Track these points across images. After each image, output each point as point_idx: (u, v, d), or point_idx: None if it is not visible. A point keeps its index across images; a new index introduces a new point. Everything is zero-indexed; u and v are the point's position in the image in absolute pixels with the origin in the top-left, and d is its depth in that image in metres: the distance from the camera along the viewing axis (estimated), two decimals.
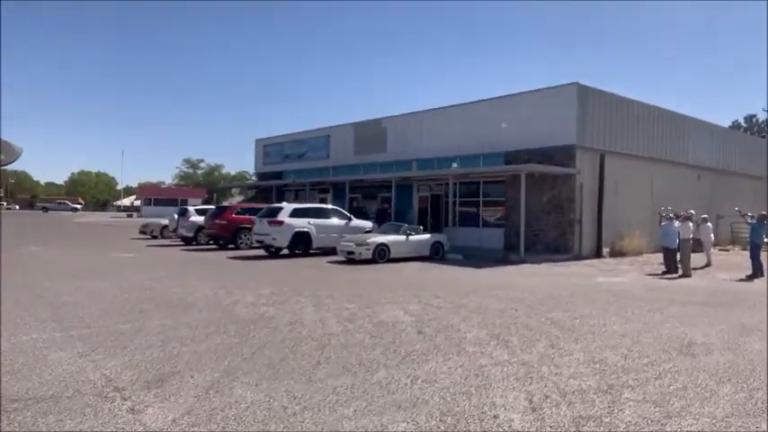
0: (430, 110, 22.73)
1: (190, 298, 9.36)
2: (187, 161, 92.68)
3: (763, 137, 42.37)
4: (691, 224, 14.71)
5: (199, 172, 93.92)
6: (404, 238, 16.44)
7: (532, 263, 16.44)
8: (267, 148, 31.80)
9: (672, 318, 8.27)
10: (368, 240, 15.73)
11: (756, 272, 14.11)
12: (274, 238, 16.99)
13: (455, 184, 21.52)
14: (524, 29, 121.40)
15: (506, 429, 3.88)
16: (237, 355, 5.73)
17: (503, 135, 19.78)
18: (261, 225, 17.43)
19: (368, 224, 18.91)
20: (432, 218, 22.28)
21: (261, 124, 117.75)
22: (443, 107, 22.26)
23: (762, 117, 56.57)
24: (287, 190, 30.09)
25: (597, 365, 5.60)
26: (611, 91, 19.59)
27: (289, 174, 29.70)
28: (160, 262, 16.08)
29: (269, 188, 29.81)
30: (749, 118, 59.86)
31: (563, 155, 18.38)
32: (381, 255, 15.71)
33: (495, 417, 4.11)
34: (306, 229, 17.28)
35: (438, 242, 17.28)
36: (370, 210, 24.34)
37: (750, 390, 4.89)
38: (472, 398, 4.52)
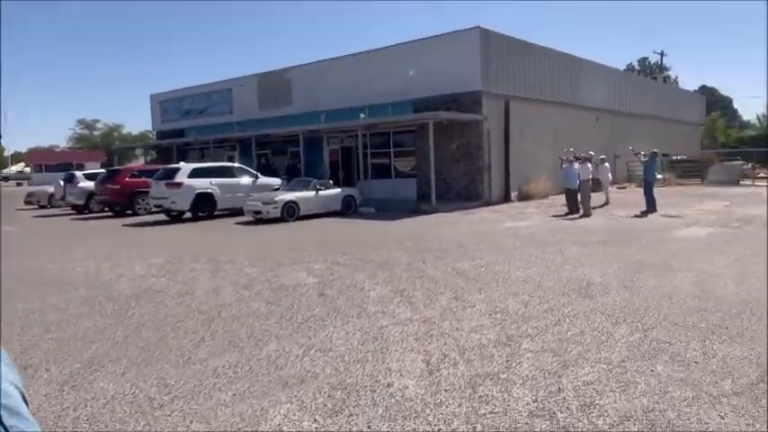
0: (335, 58, 21.74)
1: (67, 274, 8.37)
2: (81, 122, 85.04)
3: (655, 78, 44.90)
4: (590, 165, 15.20)
5: (96, 133, 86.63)
6: (313, 193, 15.83)
7: (444, 212, 16.46)
8: (165, 105, 29.45)
9: (573, 259, 8.41)
10: (275, 198, 15.00)
11: (650, 208, 14.89)
12: (174, 202, 15.81)
13: (365, 135, 20.97)
14: None
15: (398, 399, 3.58)
16: (108, 340, 5.06)
17: (410, 83, 19.32)
18: (158, 188, 16.14)
19: (276, 181, 18.07)
20: (344, 171, 21.70)
21: (162, 79, 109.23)
22: (348, 55, 21.35)
23: (653, 59, 59.92)
24: (190, 149, 28.23)
25: (499, 316, 5.46)
26: (512, 35, 19.56)
27: (190, 131, 27.77)
28: (42, 235, 14.53)
29: (170, 148, 27.82)
30: (642, 60, 63.24)
31: (470, 101, 18.28)
32: (290, 212, 15.07)
33: (388, 385, 3.80)
34: (209, 190, 16.20)
35: (350, 196, 16.84)
36: (281, 166, 23.37)
37: (645, 329, 4.92)
38: (367, 365, 4.20)
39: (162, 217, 17.01)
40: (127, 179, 18.37)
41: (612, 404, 3.42)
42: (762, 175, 27.85)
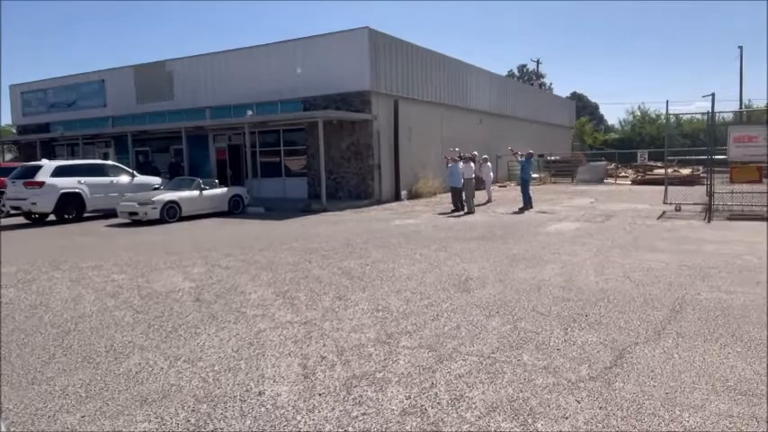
0: (220, 52, 20.82)
1: None
2: None
3: (532, 84, 48.24)
4: (473, 164, 15.89)
5: None
6: (197, 193, 15.03)
7: (335, 210, 16.39)
8: (27, 96, 26.46)
9: (455, 255, 8.69)
10: (153, 198, 14.02)
11: (526, 204, 15.89)
12: (34, 203, 14.22)
13: (253, 133, 20.33)
14: None
15: (269, 408, 3.42)
16: None
17: (300, 81, 19.03)
18: (15, 188, 14.44)
19: (156, 180, 16.93)
20: (232, 170, 20.90)
21: (28, 68, 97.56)
22: (234, 49, 20.55)
23: (531, 67, 64.28)
24: (58, 145, 25.69)
25: (380, 314, 5.46)
26: (401, 37, 19.96)
27: (57, 126, 25.27)
28: None
29: (33, 144, 25.11)
30: (521, 67, 67.63)
31: (359, 100, 18.37)
32: (171, 213, 14.18)
33: (260, 393, 3.62)
34: (76, 190, 14.78)
35: (237, 196, 16.21)
36: (163, 165, 21.98)
37: (514, 320, 5.16)
38: (239, 374, 3.98)
39: (22, 220, 15.26)
40: None
41: (480, 396, 3.51)
42: (623, 174, 30.90)
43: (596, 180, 25.83)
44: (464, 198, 15.67)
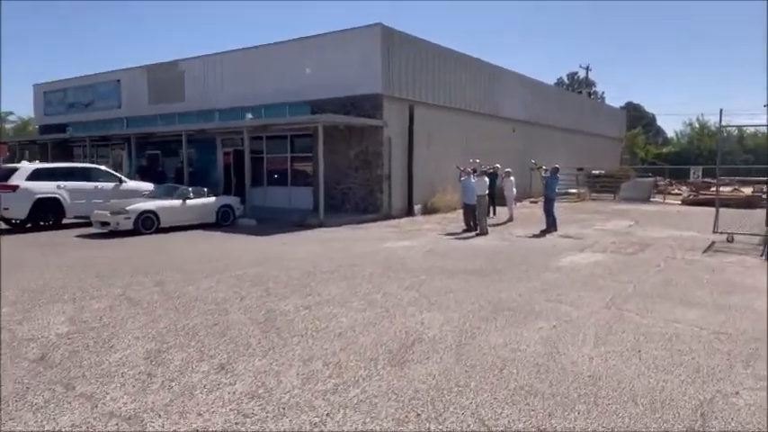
0: (229, 51, 19.67)
1: None
2: None
3: (580, 92, 45.35)
4: (486, 179, 13.95)
5: (8, 126, 79.51)
6: (179, 202, 13.75)
7: (333, 226, 14.81)
8: (49, 96, 26.29)
9: (425, 297, 6.89)
10: (128, 207, 12.82)
11: (550, 226, 13.83)
12: (6, 208, 13.30)
13: (260, 138, 19.06)
14: None
15: None
16: None
17: (308, 82, 17.60)
18: None
19: (148, 186, 15.83)
20: (236, 177, 19.68)
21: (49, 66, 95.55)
22: (242, 48, 19.33)
23: (582, 74, 61.11)
24: (75, 146, 25.29)
25: (250, 405, 3.78)
26: (423, 37, 18.22)
27: (77, 127, 24.85)
28: None
29: (53, 144, 24.81)
30: (571, 75, 64.42)
31: (370, 105, 16.75)
32: (147, 224, 12.94)
33: None
34: (54, 195, 13.80)
35: (227, 206, 14.87)
36: (173, 169, 21.06)
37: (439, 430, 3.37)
38: None
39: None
40: None
41: None
42: (675, 191, 27.98)
43: (642, 198, 23.22)
44: (477, 217, 13.78)
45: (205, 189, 14.95)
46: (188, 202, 13.89)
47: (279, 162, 19.35)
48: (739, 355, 4.77)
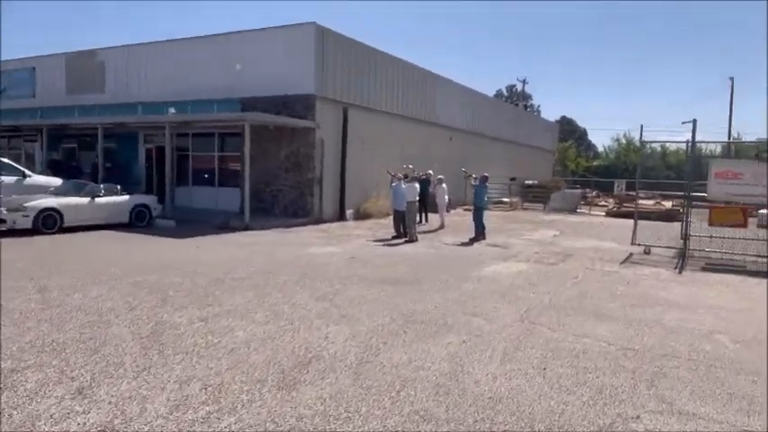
0: (155, 42, 18.59)
1: None
2: None
3: (516, 104, 46.50)
4: (417, 186, 13.77)
5: None
6: (87, 200, 12.73)
7: (259, 229, 14.16)
8: None
9: (336, 307, 6.50)
10: (26, 204, 11.72)
11: (478, 235, 13.79)
12: None
13: (185, 135, 18.11)
14: None
15: None
16: None
17: (239, 79, 16.87)
18: None
19: (56, 182, 14.61)
20: (158, 175, 18.60)
21: None
22: (170, 40, 18.35)
23: (520, 87, 62.83)
24: None
25: None
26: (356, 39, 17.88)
27: None
28: None
29: None
30: (510, 87, 66.14)
31: (302, 105, 16.22)
32: (49, 223, 11.88)
33: None
34: None
35: (142, 205, 13.93)
36: (90, 164, 19.67)
37: None
38: None
39: None
40: None
41: None
42: (602, 203, 28.97)
43: (569, 209, 23.84)
44: (406, 224, 13.54)
45: (118, 186, 13.93)
46: (97, 200, 12.88)
47: (206, 161, 18.44)
48: (644, 373, 4.65)
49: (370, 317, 6.15)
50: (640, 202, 23.28)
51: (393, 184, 14.18)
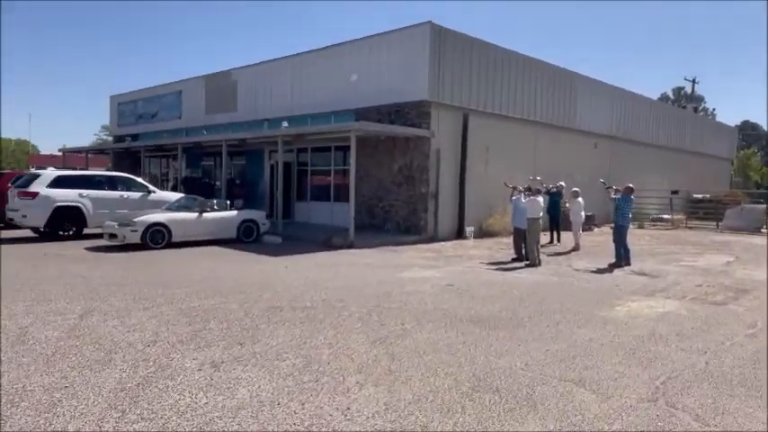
0: (280, 59, 18.65)
1: None
2: (105, 128, 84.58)
3: (684, 107, 40.50)
4: (540, 199, 11.60)
5: (108, 138, 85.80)
6: (195, 215, 12.69)
7: (363, 248, 13.09)
8: (122, 107, 27.05)
9: (387, 357, 4.97)
10: (135, 219, 11.92)
11: (620, 259, 11.23)
12: (24, 215, 12.91)
13: (303, 150, 17.91)
14: None
15: None
16: None
17: (353, 89, 16.15)
18: (13, 198, 13.31)
19: (175, 197, 15.02)
20: (279, 190, 18.55)
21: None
22: (288, 56, 18.25)
23: (689, 90, 55.32)
24: (144, 156, 25.66)
25: None
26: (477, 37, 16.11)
27: (144, 137, 25.22)
28: None
29: (122, 154, 25.38)
30: (677, 90, 58.71)
31: (416, 113, 14.94)
32: (157, 238, 11.96)
33: None
34: (75, 204, 13.27)
35: (250, 221, 13.64)
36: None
37: None
38: None
39: (27, 233, 14.14)
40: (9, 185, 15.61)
41: None
42: None
43: (750, 228, 19.36)
44: (527, 244, 11.48)
45: (227, 202, 13.82)
46: (205, 215, 12.80)
47: (322, 175, 18.03)
48: None
49: (425, 376, 4.52)
50: None
51: (513, 198, 12.20)
